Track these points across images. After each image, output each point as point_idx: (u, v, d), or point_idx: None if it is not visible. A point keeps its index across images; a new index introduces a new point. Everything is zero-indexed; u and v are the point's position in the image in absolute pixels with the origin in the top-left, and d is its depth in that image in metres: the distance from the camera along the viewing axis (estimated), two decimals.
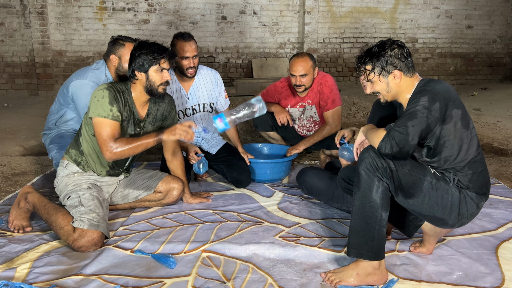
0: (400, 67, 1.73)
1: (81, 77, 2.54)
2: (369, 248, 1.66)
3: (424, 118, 1.60)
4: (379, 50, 1.74)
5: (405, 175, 1.65)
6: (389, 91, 1.77)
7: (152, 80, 2.10)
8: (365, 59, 1.77)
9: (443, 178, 1.70)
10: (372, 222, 1.65)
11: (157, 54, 2.08)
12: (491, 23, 8.35)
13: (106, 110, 2.03)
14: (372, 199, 1.64)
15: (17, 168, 3.22)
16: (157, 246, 1.96)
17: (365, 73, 1.79)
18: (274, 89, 3.13)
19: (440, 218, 1.72)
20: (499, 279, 1.71)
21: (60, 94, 2.67)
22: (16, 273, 1.74)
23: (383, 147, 1.59)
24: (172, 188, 2.38)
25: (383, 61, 1.73)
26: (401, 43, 1.76)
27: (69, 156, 2.22)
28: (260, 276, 1.73)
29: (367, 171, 1.64)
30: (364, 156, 1.67)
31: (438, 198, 1.68)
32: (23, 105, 6.05)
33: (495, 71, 8.62)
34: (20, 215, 2.16)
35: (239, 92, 6.47)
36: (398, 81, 1.75)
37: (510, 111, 5.44)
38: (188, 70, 2.61)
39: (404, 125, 1.59)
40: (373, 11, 7.84)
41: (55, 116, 2.71)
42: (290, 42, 7.72)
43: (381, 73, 1.75)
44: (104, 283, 1.67)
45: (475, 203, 1.72)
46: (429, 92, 1.65)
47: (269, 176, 2.88)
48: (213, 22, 7.38)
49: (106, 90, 2.05)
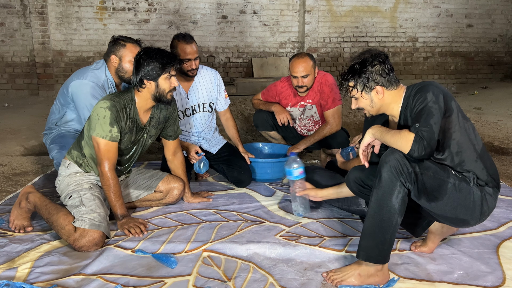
0: (382, 83, 1.73)
1: (80, 77, 2.53)
2: (378, 251, 1.64)
3: (438, 112, 1.61)
4: (360, 67, 1.75)
5: (430, 179, 1.62)
6: (373, 106, 1.78)
7: (161, 88, 2.11)
8: (347, 76, 1.78)
9: (463, 178, 1.67)
10: (387, 226, 1.63)
11: (167, 62, 2.08)
12: (492, 22, 8.34)
13: (105, 131, 2.04)
14: (391, 204, 1.62)
15: (18, 168, 3.22)
16: (158, 245, 1.96)
17: (348, 90, 1.80)
18: (275, 89, 3.13)
19: (463, 219, 1.69)
20: (500, 278, 1.71)
21: (61, 94, 2.67)
22: (17, 273, 1.74)
23: (416, 150, 1.56)
24: (173, 187, 2.39)
25: (365, 78, 1.73)
26: (383, 58, 1.75)
27: (70, 156, 2.22)
28: (261, 276, 1.73)
29: (391, 174, 1.61)
30: (389, 159, 1.62)
31: (461, 200, 1.64)
32: (23, 105, 6.05)
33: (496, 70, 8.60)
34: (21, 215, 2.16)
35: (240, 92, 6.47)
36: (381, 96, 1.75)
37: (510, 110, 5.43)
38: (189, 71, 2.62)
39: (428, 123, 1.58)
40: (373, 10, 7.83)
41: (56, 116, 2.71)
42: (290, 42, 7.72)
43: (363, 89, 1.75)
44: (105, 282, 1.67)
45: (493, 198, 1.70)
46: (430, 87, 1.65)
47: (270, 176, 2.88)
48: (213, 21, 7.38)
49: (108, 110, 2.04)
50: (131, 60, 2.49)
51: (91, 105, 2.44)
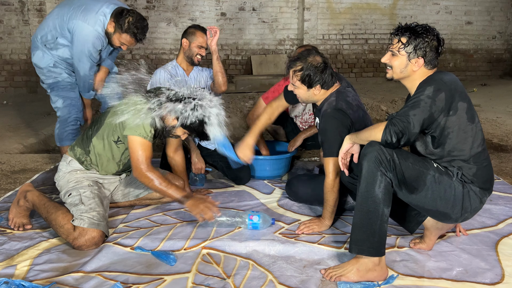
0: (426, 58, 1.73)
1: (87, 20, 2.64)
2: (370, 244, 1.65)
3: (427, 108, 1.61)
4: (422, 32, 1.72)
5: (408, 168, 1.65)
6: (402, 71, 1.77)
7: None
8: (406, 32, 1.74)
9: (446, 172, 1.70)
10: (374, 217, 1.64)
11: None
12: (491, 19, 8.33)
13: (147, 131, 2.01)
14: (375, 194, 1.64)
15: (17, 166, 3.22)
16: (157, 243, 1.96)
17: (396, 43, 1.76)
18: (281, 90, 3.08)
19: (443, 212, 1.71)
20: (499, 274, 1.71)
21: (58, 18, 2.73)
22: (16, 270, 1.74)
23: (385, 136, 1.61)
24: None
25: (419, 42, 1.71)
26: (441, 40, 1.75)
27: (73, 153, 2.20)
28: (260, 273, 1.73)
29: (371, 164, 1.64)
30: (368, 150, 1.66)
31: (441, 192, 1.67)
32: (22, 102, 6.04)
33: (495, 67, 8.60)
34: (20, 213, 2.16)
35: (239, 89, 6.46)
36: (416, 69, 1.74)
37: (509, 107, 5.43)
38: (197, 56, 2.73)
39: (406, 114, 1.62)
40: (372, 7, 7.81)
41: (47, 38, 2.79)
42: (289, 39, 7.70)
43: (409, 53, 1.73)
44: (104, 280, 1.67)
45: (479, 198, 1.72)
46: (435, 82, 1.66)
47: (269, 173, 2.88)
48: (212, 18, 7.36)
49: (146, 121, 2.01)
50: (121, 42, 2.69)
51: (89, 52, 2.68)
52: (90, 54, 2.70)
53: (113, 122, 2.06)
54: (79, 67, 2.77)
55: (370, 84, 7.49)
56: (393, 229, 2.10)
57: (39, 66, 2.87)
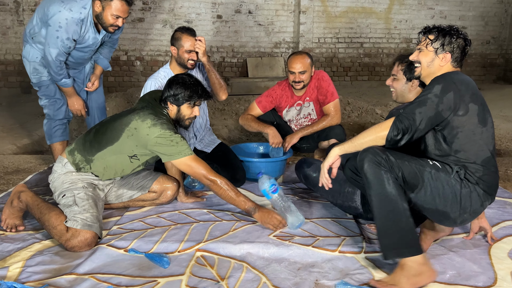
0: (453, 54, 1.77)
1: (63, 5, 2.57)
2: (405, 243, 1.60)
3: (433, 106, 1.62)
4: (449, 30, 1.79)
5: (406, 166, 1.64)
6: (429, 66, 1.80)
7: (182, 113, 2.25)
8: (433, 29, 1.81)
9: (443, 169, 1.67)
10: (397, 215, 1.60)
11: (197, 95, 2.22)
12: (485, 24, 8.40)
13: (188, 149, 2.11)
14: (388, 192, 1.61)
15: (10, 167, 3.20)
16: (151, 245, 1.96)
17: (424, 40, 1.82)
18: (275, 94, 3.08)
19: (442, 211, 1.70)
20: (491, 278, 1.72)
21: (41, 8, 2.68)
22: (9, 272, 1.73)
23: (392, 132, 1.63)
24: (166, 188, 2.38)
25: (447, 39, 1.77)
26: (468, 41, 1.81)
27: (71, 158, 2.18)
28: (254, 275, 1.73)
29: (372, 168, 1.62)
30: (363, 156, 1.66)
31: (440, 189, 1.66)
32: (16, 103, 6.00)
33: (489, 72, 8.67)
34: (13, 214, 2.14)
35: (234, 92, 6.46)
36: (443, 64, 1.78)
37: (503, 111, 5.48)
38: (189, 61, 2.66)
39: (412, 111, 1.64)
40: (368, 11, 7.86)
41: (35, 31, 2.75)
42: (285, 42, 7.72)
43: (437, 48, 1.78)
44: (97, 282, 1.67)
45: (481, 200, 1.70)
46: (445, 81, 1.67)
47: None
48: (208, 21, 7.37)
49: (176, 134, 2.09)
50: (113, 15, 2.61)
51: (61, 38, 2.59)
52: (61, 40, 2.60)
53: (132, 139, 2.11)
54: (46, 50, 2.67)
55: (365, 88, 7.52)
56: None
57: (27, 59, 2.85)
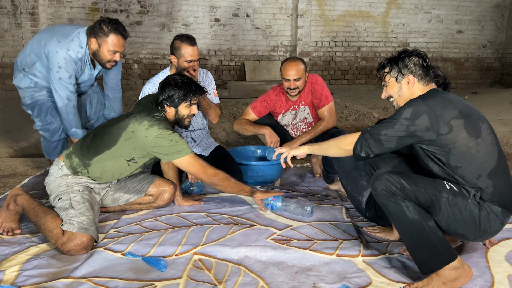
0: (415, 73, 1.79)
1: (63, 44, 2.60)
2: (439, 255, 1.61)
3: (402, 128, 1.66)
4: (398, 55, 1.83)
5: (421, 193, 1.63)
6: (401, 95, 1.83)
7: (180, 114, 2.26)
8: (385, 62, 1.86)
9: (460, 193, 1.64)
10: (425, 235, 1.62)
11: (191, 93, 2.22)
12: (482, 28, 8.45)
13: (187, 147, 2.15)
14: (410, 219, 1.63)
15: (7, 170, 3.19)
16: (148, 248, 1.95)
17: (383, 77, 1.87)
18: (270, 99, 3.08)
19: (460, 234, 1.70)
20: (488, 281, 1.72)
21: (37, 42, 2.70)
22: (5, 276, 1.72)
23: (356, 149, 1.76)
24: (163, 191, 2.37)
25: (401, 64, 1.80)
26: (422, 54, 1.82)
27: (69, 161, 2.17)
28: (252, 279, 1.73)
29: (388, 199, 1.65)
30: (375, 187, 1.67)
31: (457, 215, 1.63)
32: (13, 106, 5.98)
33: (485, 76, 8.72)
34: (9, 217, 2.13)
35: (232, 95, 6.47)
36: (411, 87, 1.79)
37: (499, 115, 5.50)
38: (189, 72, 2.62)
39: (378, 132, 1.71)
40: (365, 15, 7.89)
41: (26, 62, 2.76)
42: (283, 45, 7.74)
43: (396, 76, 1.81)
44: (94, 286, 1.66)
45: (500, 220, 1.65)
46: (416, 104, 1.67)
47: (262, 179, 2.88)
48: (206, 24, 7.38)
49: (174, 133, 2.12)
50: (110, 50, 2.62)
51: (64, 78, 2.63)
52: (64, 79, 2.62)
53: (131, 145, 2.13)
54: (55, 96, 2.69)
55: (362, 91, 7.54)
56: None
57: (20, 87, 2.85)
